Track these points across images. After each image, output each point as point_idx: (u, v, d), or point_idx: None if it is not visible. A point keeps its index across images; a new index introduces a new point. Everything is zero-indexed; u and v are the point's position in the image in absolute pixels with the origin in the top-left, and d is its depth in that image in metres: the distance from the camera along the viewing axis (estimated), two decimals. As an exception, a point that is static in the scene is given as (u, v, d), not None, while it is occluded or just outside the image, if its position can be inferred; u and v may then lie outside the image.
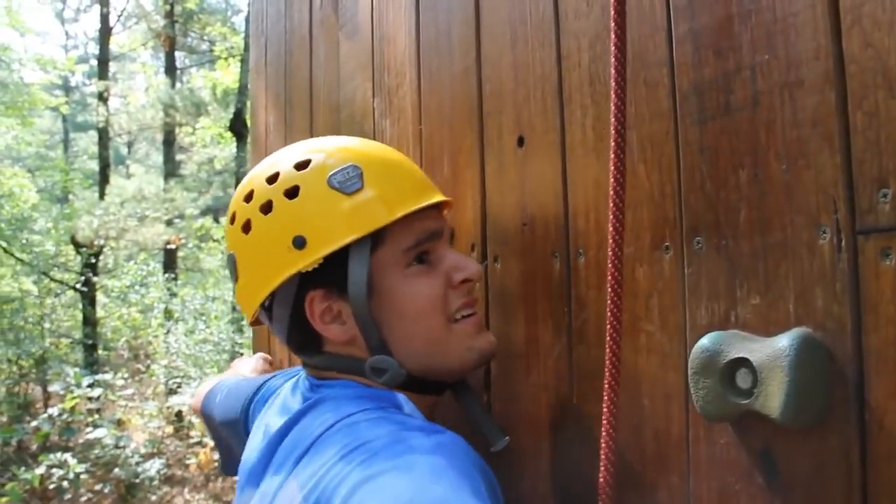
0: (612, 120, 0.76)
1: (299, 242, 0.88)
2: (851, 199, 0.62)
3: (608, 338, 0.75)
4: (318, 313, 0.91)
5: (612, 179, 0.75)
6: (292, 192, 0.90)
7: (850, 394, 0.62)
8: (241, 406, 1.23)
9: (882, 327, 0.60)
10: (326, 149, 0.94)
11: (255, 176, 0.95)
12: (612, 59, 0.78)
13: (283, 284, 0.90)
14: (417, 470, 0.70)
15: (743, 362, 0.68)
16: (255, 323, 1.03)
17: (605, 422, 0.75)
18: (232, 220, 0.96)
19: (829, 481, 0.64)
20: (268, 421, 0.99)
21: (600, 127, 0.88)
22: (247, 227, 0.92)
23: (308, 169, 0.91)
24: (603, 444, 0.76)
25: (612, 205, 0.75)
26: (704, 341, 0.72)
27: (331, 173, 0.89)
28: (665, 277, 0.79)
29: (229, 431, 1.28)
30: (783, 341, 0.65)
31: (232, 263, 0.98)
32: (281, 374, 1.19)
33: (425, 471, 0.70)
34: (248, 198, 0.93)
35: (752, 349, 0.68)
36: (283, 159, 0.94)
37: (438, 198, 0.95)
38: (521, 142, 1.02)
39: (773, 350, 0.65)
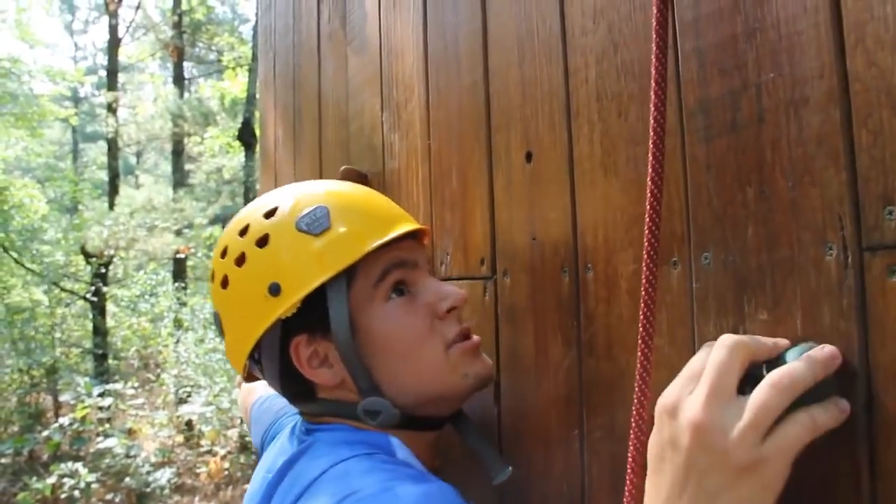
0: (651, 134, 0.75)
1: (274, 289, 0.88)
2: (857, 216, 0.63)
3: (639, 351, 0.75)
4: (304, 359, 0.92)
5: (648, 193, 0.75)
6: (262, 241, 0.90)
7: (857, 409, 0.62)
8: (261, 438, 1.25)
9: (889, 343, 0.60)
10: (293, 195, 0.94)
11: (229, 231, 0.96)
12: (653, 72, 0.79)
13: (266, 334, 0.91)
14: None
15: (751, 377, 0.69)
16: (249, 378, 1.03)
17: (632, 435, 0.76)
18: (212, 279, 0.97)
19: (838, 498, 0.64)
20: (267, 464, 1.00)
21: (608, 142, 0.89)
22: (225, 283, 0.93)
23: (276, 216, 0.91)
24: (630, 459, 0.77)
25: (647, 218, 0.75)
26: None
27: (298, 217, 0.90)
28: (673, 292, 0.80)
29: (258, 452, 1.30)
30: (791, 356, 0.66)
31: (217, 321, 0.99)
32: (291, 412, 1.19)
33: None
34: (224, 254, 0.94)
35: (759, 364, 0.68)
36: (253, 210, 0.95)
37: (408, 227, 0.95)
38: (529, 157, 1.03)
39: (780, 365, 0.66)
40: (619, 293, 0.87)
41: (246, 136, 11.46)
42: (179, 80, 13.67)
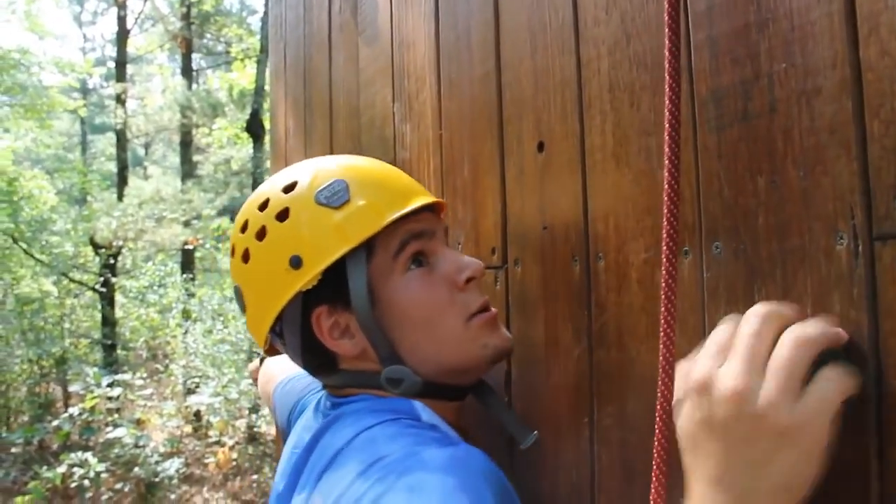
0: (666, 125, 0.75)
1: (295, 262, 0.90)
2: (868, 205, 0.63)
3: (661, 344, 0.75)
4: (326, 329, 0.93)
5: (665, 185, 0.75)
6: (283, 215, 0.92)
7: (868, 397, 0.63)
8: (286, 419, 1.26)
9: (899, 331, 0.61)
10: (312, 169, 0.96)
11: (248, 206, 0.98)
12: (667, 66, 0.80)
13: (287, 306, 0.92)
14: (426, 492, 0.70)
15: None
16: (271, 351, 1.04)
17: (657, 431, 0.76)
18: (233, 253, 0.98)
19: (847, 489, 0.65)
20: (294, 440, 1.02)
21: (619, 133, 0.90)
22: (246, 257, 0.95)
23: (295, 190, 0.93)
24: (654, 466, 0.77)
25: (665, 209, 0.75)
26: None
27: (318, 190, 0.92)
28: (684, 281, 0.80)
29: (282, 434, 1.31)
30: None
31: (238, 295, 1.00)
32: (315, 388, 1.21)
33: (434, 493, 0.70)
34: (244, 228, 0.96)
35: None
36: (271, 185, 0.97)
37: (426, 199, 0.96)
38: (540, 147, 1.03)
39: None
40: (630, 282, 0.88)
41: (254, 128, 11.47)
42: (188, 71, 13.69)
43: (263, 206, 0.94)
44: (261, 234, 0.93)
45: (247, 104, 12.18)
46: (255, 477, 7.23)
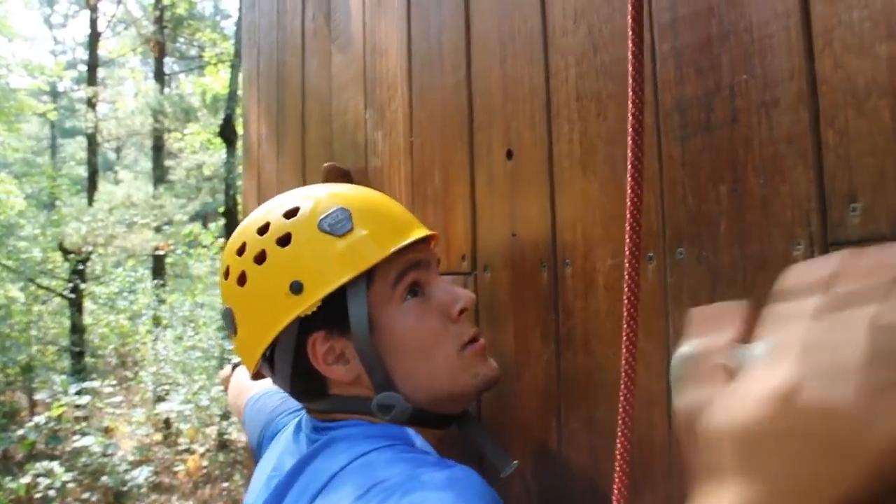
0: (630, 130, 0.77)
1: (296, 287, 0.90)
2: (824, 212, 0.66)
3: (624, 349, 0.76)
4: (321, 355, 0.93)
5: (629, 190, 0.77)
6: (284, 240, 0.92)
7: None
8: (257, 438, 1.25)
9: (853, 335, 0.63)
10: (314, 196, 0.97)
11: (246, 228, 0.97)
12: (630, 81, 0.81)
13: (283, 332, 0.92)
14: None
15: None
16: (257, 376, 1.04)
17: (619, 434, 0.78)
18: (226, 275, 0.98)
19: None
20: (272, 464, 1.02)
21: (587, 141, 0.91)
22: (242, 280, 0.94)
23: (298, 216, 0.93)
24: (618, 456, 0.79)
25: (629, 215, 0.77)
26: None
27: (321, 217, 0.92)
28: (649, 286, 0.82)
29: (252, 452, 1.31)
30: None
31: (229, 317, 0.99)
32: (289, 409, 1.21)
33: None
34: (241, 251, 0.95)
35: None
36: (271, 209, 0.97)
37: (424, 232, 0.98)
38: (510, 155, 1.05)
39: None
40: (597, 288, 0.89)
41: (227, 133, 11.40)
42: (160, 75, 13.57)
43: (264, 230, 0.94)
44: (260, 258, 0.93)
45: (220, 109, 12.09)
46: (225, 485, 7.17)
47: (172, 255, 12.24)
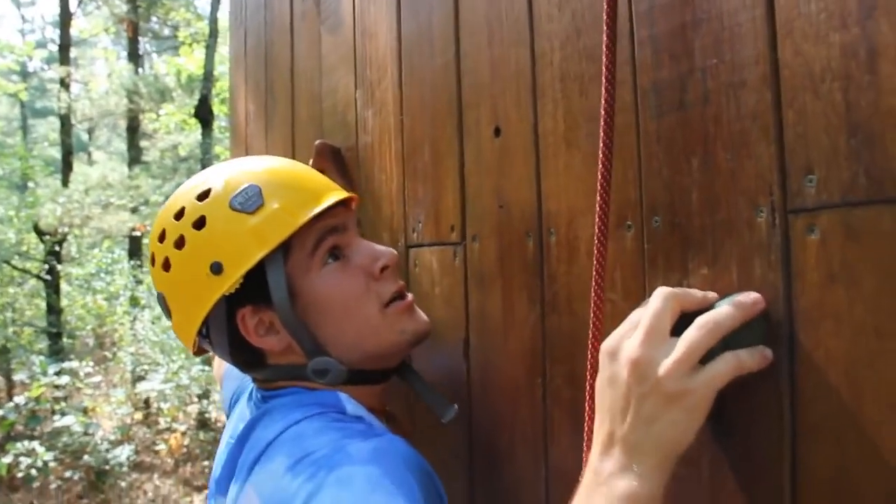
0: (602, 112, 0.84)
1: (216, 268, 0.93)
2: (784, 183, 0.73)
3: (592, 304, 0.85)
4: (251, 328, 0.97)
5: (600, 166, 0.85)
6: (199, 223, 0.95)
7: (781, 348, 0.73)
8: (228, 402, 1.31)
9: (808, 291, 0.71)
10: (224, 175, 0.99)
11: (164, 214, 1.00)
12: (604, 70, 0.88)
13: (212, 310, 0.96)
14: (355, 483, 0.77)
15: (691, 319, 0.79)
16: (199, 352, 1.08)
17: (588, 377, 0.86)
18: (153, 262, 1.01)
19: (764, 423, 0.75)
20: (230, 430, 1.07)
21: (570, 119, 0.98)
22: (167, 266, 0.97)
23: (209, 198, 0.96)
24: (586, 416, 0.86)
25: (599, 188, 0.85)
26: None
27: (232, 196, 0.95)
28: (627, 252, 0.90)
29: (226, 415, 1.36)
30: (725, 304, 0.76)
31: (162, 302, 1.03)
32: None
33: (362, 483, 0.77)
34: (162, 237, 0.98)
35: (699, 312, 0.78)
36: (186, 192, 0.99)
37: (339, 196, 1.00)
38: (497, 132, 1.11)
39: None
40: (579, 255, 0.97)
41: (203, 113, 11.34)
42: (134, 55, 13.43)
43: (179, 215, 0.97)
44: (179, 243, 0.96)
45: (195, 89, 12.01)
46: (206, 463, 7.22)
47: (149, 236, 12.18)
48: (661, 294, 0.73)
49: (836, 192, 0.69)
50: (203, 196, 0.97)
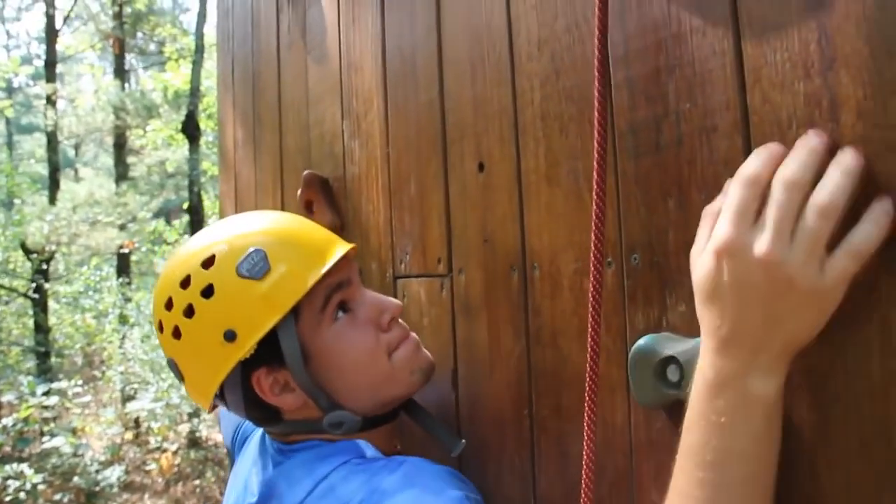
0: (595, 146, 0.88)
1: (230, 336, 0.93)
2: (755, 225, 0.76)
3: (588, 345, 0.88)
4: (266, 388, 0.98)
5: (594, 206, 0.88)
6: (208, 292, 0.94)
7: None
8: (231, 438, 1.31)
9: (779, 330, 0.74)
10: (226, 238, 0.99)
11: (168, 281, 0.99)
12: (596, 105, 0.91)
13: (228, 375, 0.97)
14: None
15: (672, 359, 0.82)
16: (213, 409, 1.08)
17: (586, 419, 0.88)
18: (161, 328, 1.00)
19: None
20: (244, 478, 1.08)
21: (551, 157, 1.01)
22: (177, 334, 0.97)
23: (215, 265, 0.96)
24: (585, 446, 0.89)
25: (594, 227, 0.87)
26: (641, 342, 0.86)
27: (238, 263, 0.94)
28: (608, 288, 0.93)
29: (228, 452, 1.37)
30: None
31: (174, 367, 1.03)
32: None
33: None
34: (169, 305, 0.97)
35: (679, 348, 0.81)
36: (189, 259, 0.99)
37: (341, 250, 1.02)
38: (481, 167, 1.14)
39: (695, 349, 0.79)
40: (562, 290, 1.00)
41: (190, 129, 11.34)
42: (120, 71, 13.44)
43: (186, 283, 0.96)
44: (189, 312, 0.95)
45: (182, 105, 12.02)
46: (197, 482, 7.20)
47: (137, 253, 12.17)
48: (787, 179, 0.65)
49: (804, 234, 0.72)
50: (208, 263, 0.96)
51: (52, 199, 11.42)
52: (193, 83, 11.39)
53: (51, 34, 12.89)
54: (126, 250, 11.26)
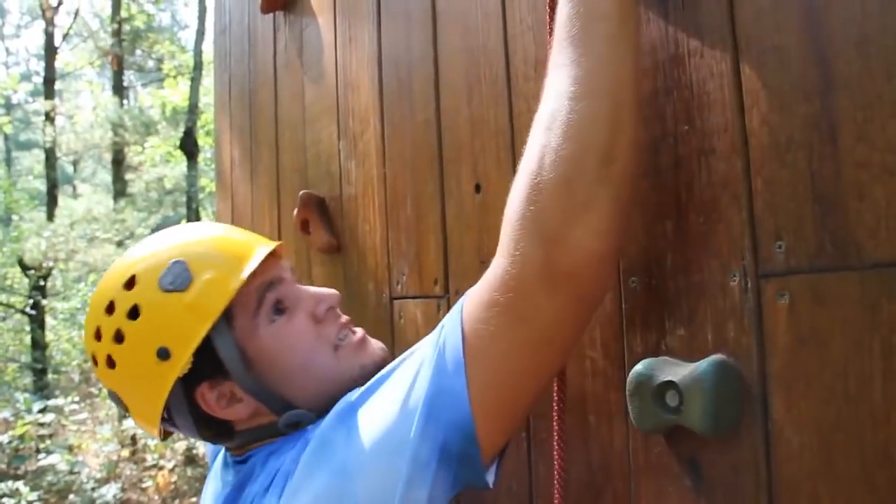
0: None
1: (163, 354, 0.89)
2: (755, 248, 0.76)
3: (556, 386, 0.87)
4: (213, 403, 0.94)
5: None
6: (133, 313, 0.91)
7: (756, 408, 0.75)
8: (212, 457, 1.29)
9: (779, 354, 0.73)
10: (144, 256, 0.96)
11: (94, 311, 0.96)
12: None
13: (169, 396, 0.93)
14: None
15: (671, 384, 0.81)
16: (165, 436, 1.04)
17: (556, 439, 0.87)
18: (95, 362, 0.96)
19: (742, 481, 0.77)
20: (212, 491, 1.05)
21: (548, 179, 1.01)
22: (111, 363, 0.93)
23: (138, 284, 0.92)
24: (556, 460, 0.88)
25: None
26: (639, 367, 0.85)
27: (159, 277, 0.91)
28: (607, 312, 0.92)
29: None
30: (702, 366, 0.78)
31: (116, 399, 0.99)
32: None
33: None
34: (98, 335, 0.94)
35: (677, 373, 0.80)
36: (110, 284, 0.95)
37: (264, 250, 0.98)
38: (478, 188, 1.14)
39: (694, 374, 0.78)
40: (560, 312, 0.99)
41: (188, 146, 11.35)
42: (119, 88, 13.46)
43: (111, 309, 0.92)
44: (118, 338, 0.91)
45: (180, 122, 12.05)
46: (193, 500, 7.14)
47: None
48: None
49: (803, 258, 0.72)
50: (130, 284, 0.93)
51: (50, 216, 11.41)
52: (191, 100, 11.41)
53: (50, 51, 12.92)
54: (123, 266, 11.23)
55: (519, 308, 0.75)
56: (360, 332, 1.04)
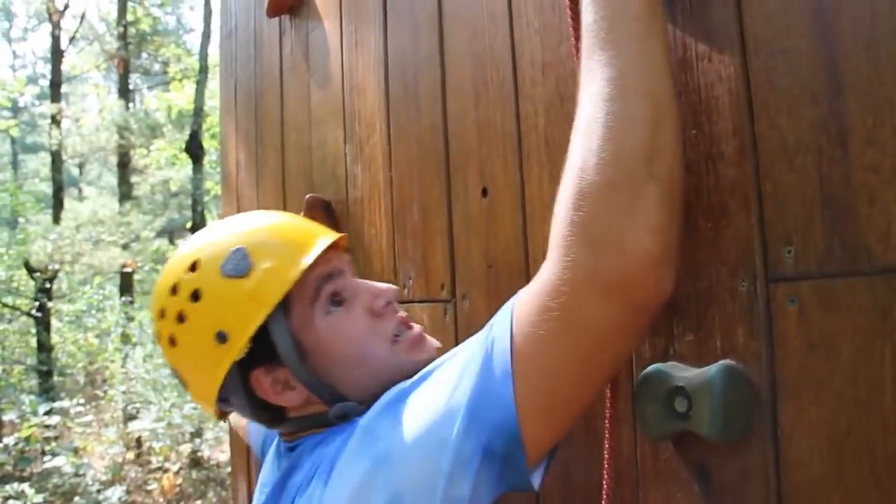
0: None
1: (221, 337, 0.93)
2: (764, 253, 0.75)
3: None
4: (267, 388, 0.97)
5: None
6: (195, 296, 0.94)
7: (765, 414, 0.75)
8: (261, 447, 1.30)
9: (789, 359, 0.73)
10: (210, 241, 0.99)
11: (160, 291, 0.99)
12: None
13: (226, 377, 0.96)
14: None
15: (680, 390, 0.80)
16: (223, 416, 1.08)
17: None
18: (160, 339, 1.00)
19: (751, 487, 0.76)
20: (262, 479, 1.08)
21: (555, 184, 0.99)
22: (173, 342, 0.97)
23: (200, 268, 0.96)
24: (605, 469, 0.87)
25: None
26: (648, 372, 0.84)
27: (221, 264, 0.94)
28: (614, 316, 0.91)
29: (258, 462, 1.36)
30: (711, 371, 0.78)
31: (177, 375, 1.03)
32: None
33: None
34: (162, 314, 0.98)
35: (686, 378, 0.80)
36: (175, 267, 0.99)
37: (326, 240, 1.00)
38: (485, 193, 1.13)
39: (703, 379, 0.78)
40: (567, 316, 0.98)
41: (193, 149, 11.37)
42: (125, 91, 13.49)
43: (175, 291, 0.96)
44: (181, 318, 0.95)
45: (185, 125, 12.07)
46: (199, 503, 7.15)
47: (140, 272, 12.15)
48: None
49: (812, 263, 0.71)
50: (193, 268, 0.96)
51: (56, 218, 11.42)
52: (197, 103, 11.44)
53: (56, 54, 12.96)
54: (129, 270, 11.25)
55: (571, 315, 0.73)
56: (417, 328, 1.04)
